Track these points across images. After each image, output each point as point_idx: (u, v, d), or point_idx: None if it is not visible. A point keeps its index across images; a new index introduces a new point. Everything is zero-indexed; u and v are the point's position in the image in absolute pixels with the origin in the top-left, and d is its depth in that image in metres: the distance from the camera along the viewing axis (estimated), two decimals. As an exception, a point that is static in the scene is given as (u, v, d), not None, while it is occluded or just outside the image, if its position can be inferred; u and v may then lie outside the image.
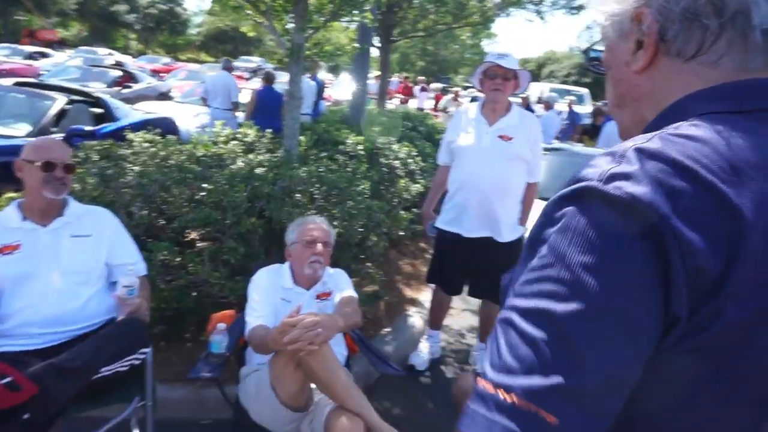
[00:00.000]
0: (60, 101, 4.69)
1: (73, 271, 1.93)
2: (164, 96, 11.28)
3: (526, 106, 9.91)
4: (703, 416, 0.56)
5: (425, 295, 4.03)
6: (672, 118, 0.61)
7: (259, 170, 3.28)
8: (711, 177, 0.52)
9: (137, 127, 4.20)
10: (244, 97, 7.72)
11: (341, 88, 13.33)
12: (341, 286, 2.29)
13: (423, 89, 14.19)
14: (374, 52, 8.19)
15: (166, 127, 5.33)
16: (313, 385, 1.97)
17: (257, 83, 9.28)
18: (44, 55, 18.02)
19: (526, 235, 3.15)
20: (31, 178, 1.91)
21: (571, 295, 0.53)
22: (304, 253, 2.20)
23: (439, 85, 14.64)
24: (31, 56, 17.06)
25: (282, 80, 7.76)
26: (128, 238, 2.14)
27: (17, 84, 5.73)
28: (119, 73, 11.42)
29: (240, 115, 7.34)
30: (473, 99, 8.49)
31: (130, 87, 11.20)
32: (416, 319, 3.59)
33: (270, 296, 2.15)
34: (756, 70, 0.60)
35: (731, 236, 0.51)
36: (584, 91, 24.40)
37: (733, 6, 0.58)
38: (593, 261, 0.53)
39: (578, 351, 0.52)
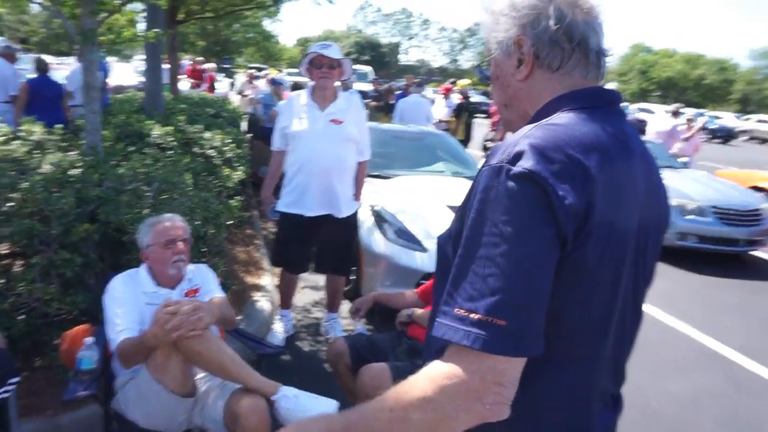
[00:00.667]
0: None
1: None
2: None
3: (346, 89, 10.30)
4: (585, 303, 0.88)
5: (266, 279, 4.13)
6: (546, 113, 0.90)
7: (73, 171, 2.98)
8: (572, 151, 0.82)
9: None
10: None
11: (124, 74, 12.11)
12: (208, 280, 2.30)
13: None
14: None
15: None
16: (200, 375, 2.01)
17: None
18: None
19: (360, 209, 3.47)
20: None
21: (501, 242, 0.79)
22: (165, 253, 2.16)
23: (212, 65, 14.09)
24: None
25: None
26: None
27: None
28: None
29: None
30: (296, 86, 8.51)
31: None
32: (264, 303, 3.68)
33: (132, 305, 2.07)
34: (591, 80, 0.93)
35: (588, 189, 0.82)
36: (368, 68, 25.87)
37: (578, 36, 0.90)
38: (510, 217, 0.79)
39: (512, 277, 0.78)
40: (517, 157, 0.81)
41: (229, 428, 1.84)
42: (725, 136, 28.44)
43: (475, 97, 9.77)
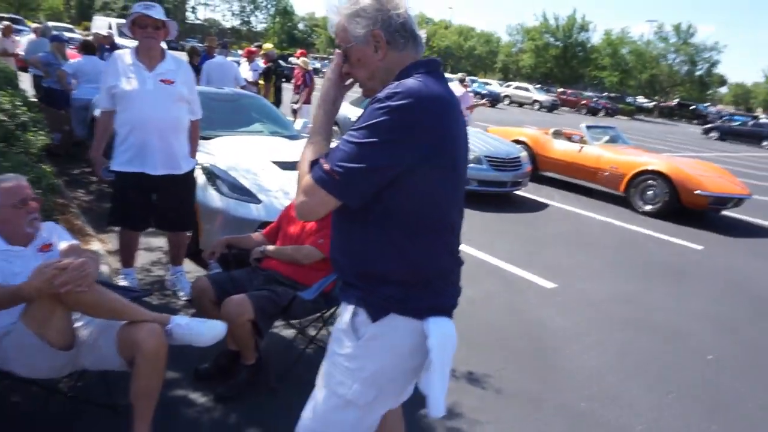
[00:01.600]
0: None
1: None
2: None
3: (111, 44, 9.44)
4: (436, 204, 1.39)
5: (95, 245, 4.02)
6: (404, 77, 1.36)
7: None
8: (427, 97, 1.30)
9: None
10: None
11: None
12: (59, 234, 2.35)
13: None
14: None
15: None
16: (78, 324, 2.12)
17: None
18: None
19: (197, 166, 3.64)
20: None
21: (369, 140, 1.26)
22: (18, 213, 2.17)
23: None
24: None
25: None
26: None
27: None
28: None
29: None
30: (86, 45, 7.67)
31: None
32: (101, 268, 3.63)
33: (-13, 260, 2.07)
34: (419, 54, 1.42)
35: (439, 123, 1.31)
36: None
37: (409, 26, 1.39)
38: (394, 130, 1.26)
39: (369, 158, 1.25)
40: (391, 97, 1.27)
41: (126, 358, 2.03)
42: (493, 100, 33.01)
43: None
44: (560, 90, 44.19)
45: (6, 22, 10.27)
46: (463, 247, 1.63)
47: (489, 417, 2.74)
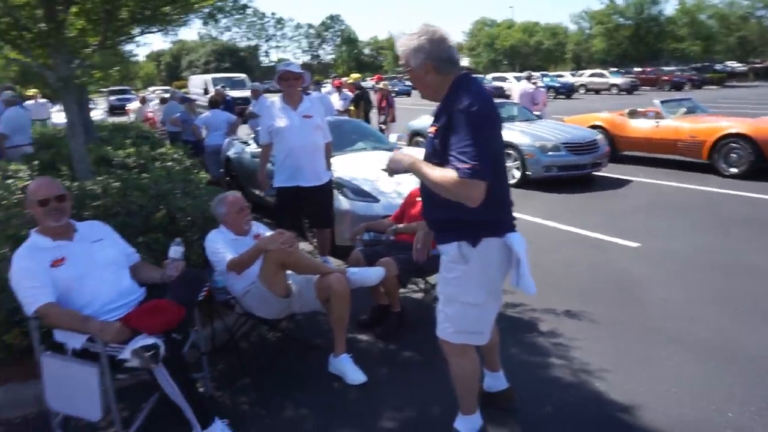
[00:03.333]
0: None
1: (108, 263, 2.64)
2: None
3: (223, 98, 11.10)
4: (501, 162, 2.28)
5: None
6: (457, 89, 2.21)
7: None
8: (485, 98, 2.17)
9: None
10: None
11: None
12: (262, 229, 3.47)
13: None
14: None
15: None
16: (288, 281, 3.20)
17: None
18: None
19: (333, 177, 4.75)
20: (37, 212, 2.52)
21: (476, 136, 2.15)
22: (238, 218, 3.30)
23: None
24: None
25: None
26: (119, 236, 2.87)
27: None
28: None
29: None
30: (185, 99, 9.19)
31: None
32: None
33: (228, 245, 3.19)
34: (459, 71, 2.26)
35: (494, 111, 2.19)
36: (243, 75, 26.29)
37: (452, 60, 2.22)
38: (482, 125, 2.15)
39: (482, 147, 2.14)
40: (473, 104, 2.15)
41: (322, 300, 3.07)
42: (567, 91, 32.62)
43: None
44: (638, 70, 42.66)
45: (141, 94, 12.39)
46: (549, 223, 2.48)
47: (582, 339, 3.50)
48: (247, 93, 16.59)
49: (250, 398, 2.95)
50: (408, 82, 18.95)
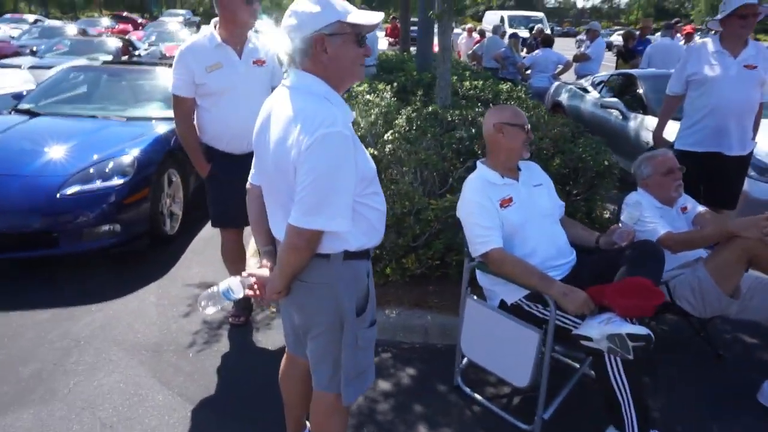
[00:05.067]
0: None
1: (547, 214, 2.30)
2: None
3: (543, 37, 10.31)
4: None
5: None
6: None
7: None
8: None
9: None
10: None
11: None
12: (692, 202, 2.78)
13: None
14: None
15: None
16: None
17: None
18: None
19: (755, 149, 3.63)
20: (515, 140, 2.22)
21: None
22: (665, 181, 2.65)
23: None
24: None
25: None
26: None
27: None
28: (118, 42, 10.79)
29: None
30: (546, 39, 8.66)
31: (136, 55, 10.68)
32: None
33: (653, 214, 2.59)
34: None
35: None
36: (540, 14, 25.00)
37: None
38: None
39: None
40: None
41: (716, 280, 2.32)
42: None
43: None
44: None
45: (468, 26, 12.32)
46: None
47: None
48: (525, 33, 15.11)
49: (687, 415, 2.39)
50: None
